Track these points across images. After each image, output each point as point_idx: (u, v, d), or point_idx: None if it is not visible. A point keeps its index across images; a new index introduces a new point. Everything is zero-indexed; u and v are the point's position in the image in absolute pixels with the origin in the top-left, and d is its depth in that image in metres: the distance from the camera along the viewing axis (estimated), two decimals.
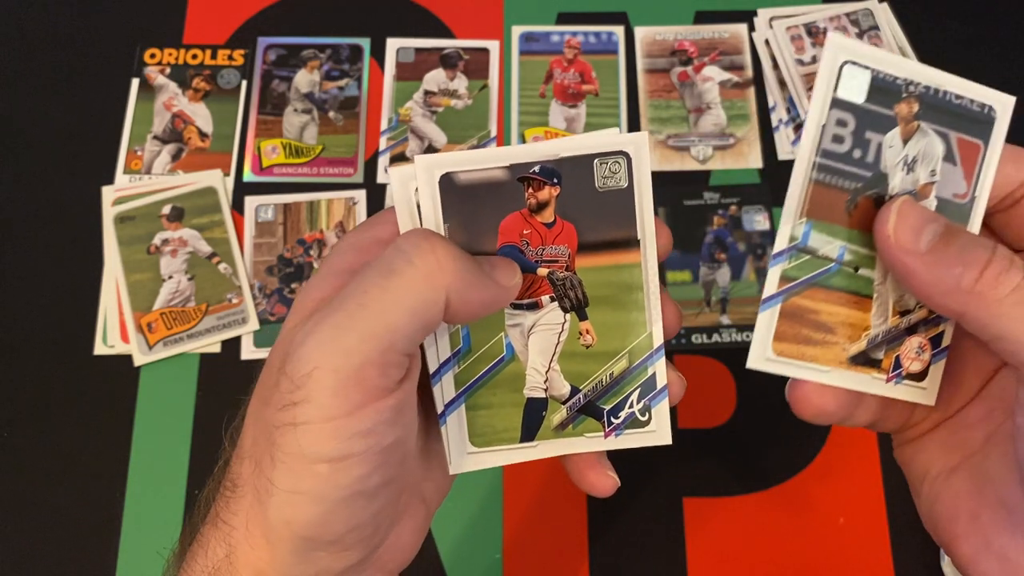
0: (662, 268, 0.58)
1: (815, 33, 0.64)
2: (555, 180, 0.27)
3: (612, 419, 0.28)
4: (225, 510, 0.25)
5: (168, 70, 0.64)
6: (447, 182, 0.26)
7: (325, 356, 0.22)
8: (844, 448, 0.53)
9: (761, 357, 0.27)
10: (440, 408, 0.27)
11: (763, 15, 0.65)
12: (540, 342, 0.28)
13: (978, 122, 0.27)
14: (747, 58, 0.64)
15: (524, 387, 0.28)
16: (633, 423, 0.28)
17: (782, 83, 0.63)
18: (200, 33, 0.65)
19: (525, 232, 0.27)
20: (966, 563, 0.26)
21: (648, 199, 0.27)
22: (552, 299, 0.28)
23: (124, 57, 0.64)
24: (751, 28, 0.65)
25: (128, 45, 0.64)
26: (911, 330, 0.28)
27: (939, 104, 0.26)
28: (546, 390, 0.28)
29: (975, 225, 0.27)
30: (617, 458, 0.29)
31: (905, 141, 0.26)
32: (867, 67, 0.26)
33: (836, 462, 0.53)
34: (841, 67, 0.26)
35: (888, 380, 0.28)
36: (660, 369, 0.28)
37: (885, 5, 0.65)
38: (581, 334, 0.28)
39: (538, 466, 0.53)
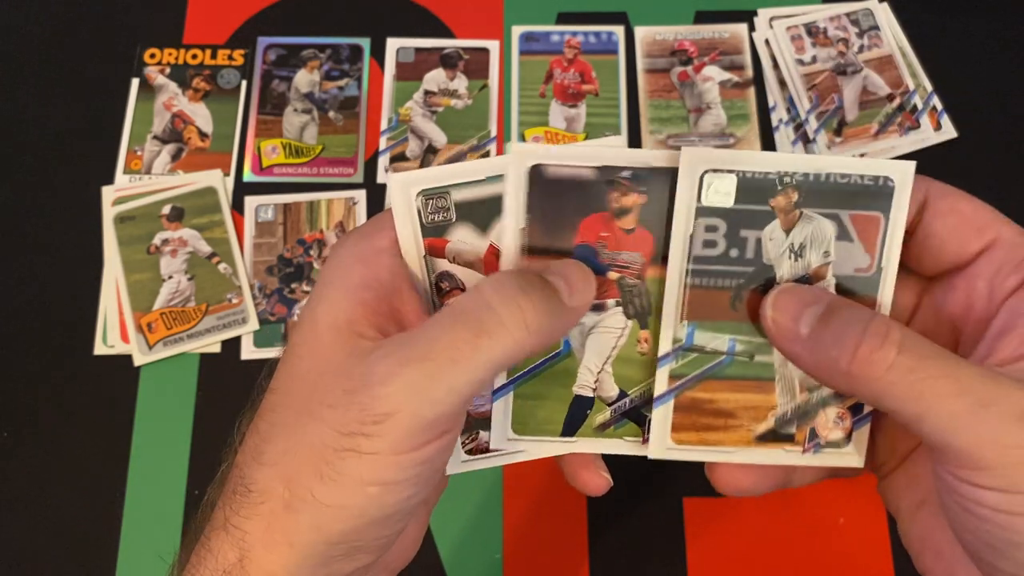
0: None
1: (815, 33, 0.64)
2: (643, 188, 0.26)
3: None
4: (236, 515, 0.25)
5: (168, 70, 0.64)
6: (536, 174, 0.26)
7: (411, 403, 0.23)
8: None
9: (661, 448, 0.27)
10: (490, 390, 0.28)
11: (763, 15, 0.65)
12: (597, 343, 0.28)
13: (874, 195, 0.26)
14: (747, 58, 0.64)
15: (574, 384, 0.28)
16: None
17: (782, 83, 0.63)
18: (200, 33, 0.65)
19: (603, 234, 0.27)
20: None
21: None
22: (617, 303, 0.28)
23: (124, 57, 0.64)
24: (751, 28, 0.65)
25: (128, 45, 0.64)
26: (824, 403, 0.28)
27: (823, 188, 0.26)
28: (595, 390, 0.28)
29: (886, 293, 0.26)
30: (618, 458, 0.29)
31: (788, 231, 0.26)
32: (730, 171, 0.25)
33: None
34: (701, 177, 0.25)
35: (805, 451, 0.28)
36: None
37: (885, 5, 0.65)
38: (639, 341, 0.28)
39: (538, 466, 0.53)
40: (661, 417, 0.27)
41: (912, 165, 0.26)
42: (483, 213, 0.27)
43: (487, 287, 0.24)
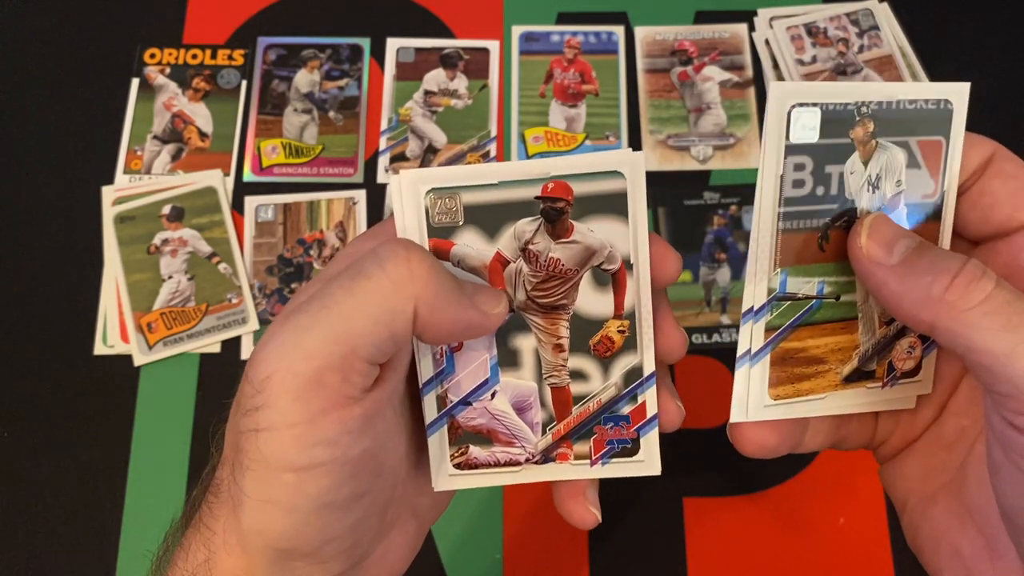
0: None
1: (815, 33, 0.64)
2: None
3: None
4: (208, 515, 0.24)
5: (168, 70, 0.64)
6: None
7: (284, 359, 0.22)
8: None
9: (759, 407, 0.27)
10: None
11: (763, 15, 0.65)
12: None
13: (937, 119, 0.26)
14: (747, 58, 0.64)
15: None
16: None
17: None
18: (200, 33, 0.65)
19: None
20: None
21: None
22: None
23: (124, 57, 0.64)
24: (751, 28, 0.65)
25: (128, 45, 0.64)
26: (899, 335, 0.28)
27: (894, 116, 0.26)
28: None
29: (948, 216, 0.27)
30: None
31: (866, 163, 0.26)
32: (815, 104, 0.25)
33: (836, 462, 0.53)
34: (789, 112, 0.25)
35: (884, 386, 0.28)
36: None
37: (885, 5, 0.65)
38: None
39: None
40: (759, 374, 0.27)
41: (966, 86, 0.26)
42: (492, 218, 0.26)
43: (380, 243, 0.23)
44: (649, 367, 0.27)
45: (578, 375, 0.28)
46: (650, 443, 0.28)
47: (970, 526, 0.25)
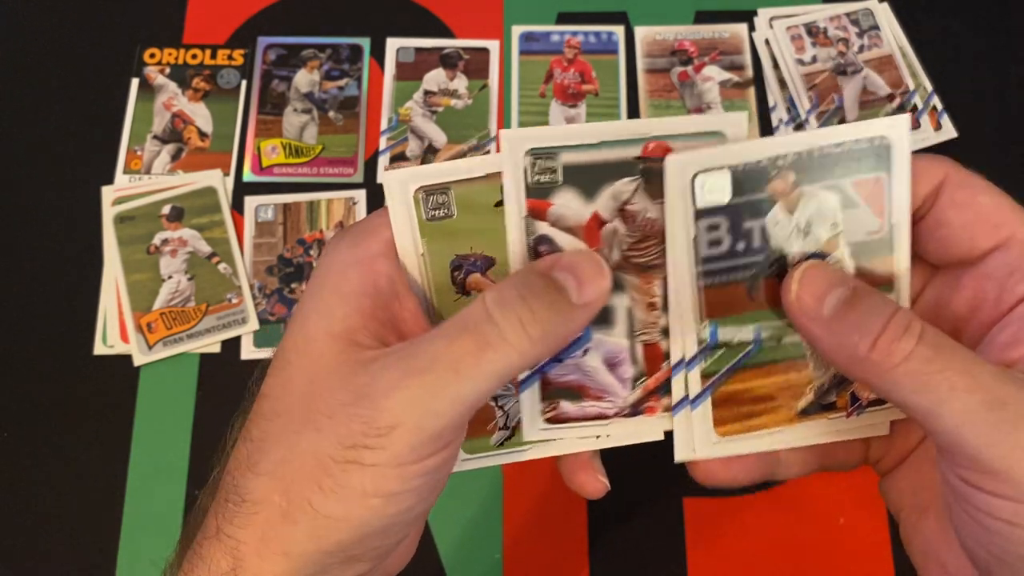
0: None
1: (815, 33, 0.64)
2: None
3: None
4: (229, 524, 0.24)
5: (168, 70, 0.64)
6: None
7: (413, 416, 0.23)
8: None
9: (707, 444, 0.27)
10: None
11: (763, 15, 0.65)
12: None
13: (872, 157, 0.25)
14: (747, 58, 0.64)
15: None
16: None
17: (782, 83, 0.63)
18: (200, 33, 0.65)
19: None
20: None
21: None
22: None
23: (124, 57, 0.64)
24: (751, 28, 0.65)
25: (128, 45, 0.64)
26: None
27: (818, 163, 0.25)
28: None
29: (903, 250, 0.26)
30: (617, 458, 0.29)
31: (792, 212, 0.26)
32: (721, 167, 0.25)
33: None
34: (692, 180, 0.25)
35: (849, 415, 0.28)
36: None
37: (885, 5, 0.65)
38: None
39: (539, 467, 0.53)
40: (701, 416, 0.27)
41: (904, 119, 0.25)
42: (591, 179, 0.26)
43: (489, 297, 0.24)
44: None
45: (666, 332, 0.28)
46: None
47: (956, 543, 0.25)
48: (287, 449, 0.24)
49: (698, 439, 0.27)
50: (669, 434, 0.28)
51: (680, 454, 0.27)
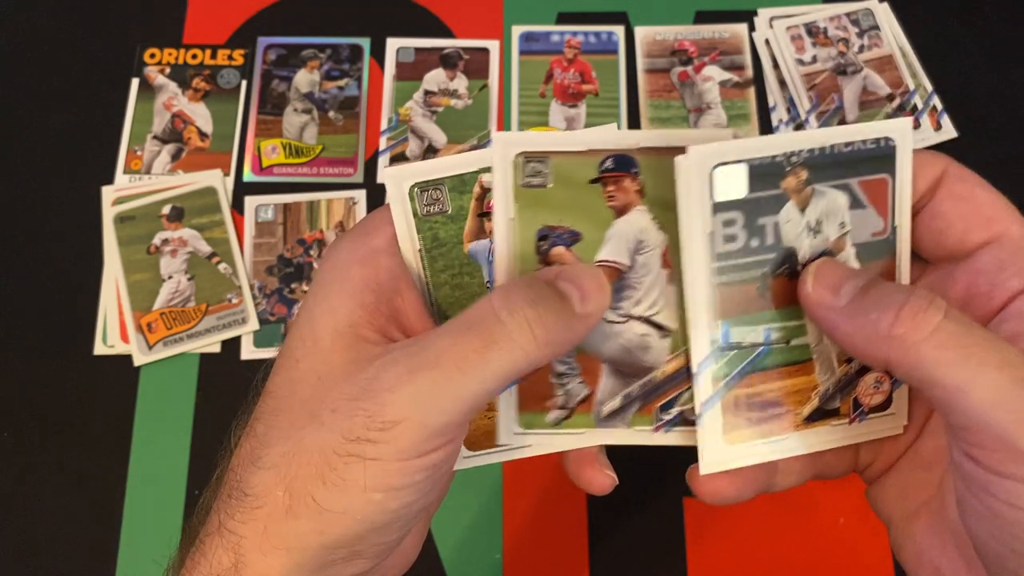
0: None
1: (815, 33, 0.64)
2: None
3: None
4: (231, 519, 0.24)
5: (168, 70, 0.64)
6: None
7: (418, 412, 0.23)
8: None
9: (716, 457, 0.27)
10: None
11: (763, 15, 0.65)
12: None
13: (878, 158, 0.26)
14: (747, 58, 0.64)
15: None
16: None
17: (782, 83, 0.63)
18: (200, 33, 0.65)
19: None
20: None
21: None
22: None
23: (124, 57, 0.64)
24: (751, 28, 0.65)
25: (128, 45, 0.64)
26: (862, 371, 0.27)
27: (829, 161, 0.26)
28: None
29: (904, 251, 0.27)
30: (617, 458, 0.29)
31: (803, 209, 0.26)
32: (739, 161, 0.25)
33: None
34: (712, 172, 0.25)
35: (851, 422, 0.28)
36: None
37: (885, 5, 0.65)
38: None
39: (539, 467, 0.53)
40: (711, 423, 0.27)
41: (908, 121, 0.26)
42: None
43: (497, 297, 0.24)
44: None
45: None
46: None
47: (950, 545, 0.25)
48: (291, 443, 0.24)
49: (708, 449, 0.27)
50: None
51: (704, 467, 0.27)
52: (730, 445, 0.27)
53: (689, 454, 0.56)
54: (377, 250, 0.26)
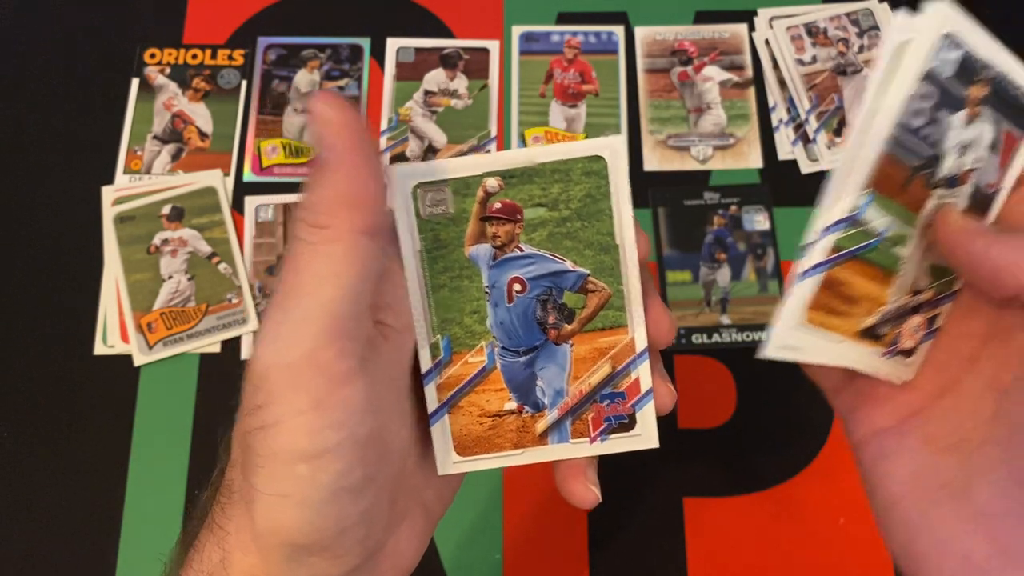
0: (662, 268, 0.58)
1: (815, 33, 0.64)
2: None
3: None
4: (220, 515, 0.25)
5: (168, 70, 0.64)
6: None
7: (275, 354, 0.22)
8: (844, 448, 0.53)
9: (790, 325, 0.26)
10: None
11: (763, 15, 0.65)
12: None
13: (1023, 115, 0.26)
14: (747, 58, 0.64)
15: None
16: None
17: (782, 83, 0.63)
18: (200, 33, 0.65)
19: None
20: None
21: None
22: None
23: (124, 57, 0.64)
24: (751, 28, 0.65)
25: (128, 45, 0.64)
26: (915, 309, 0.27)
27: (1004, 92, 0.26)
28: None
29: (992, 215, 0.27)
30: (617, 458, 0.29)
31: (967, 124, 0.25)
32: (962, 42, 0.25)
33: (836, 462, 0.53)
34: (942, 37, 0.24)
35: (884, 355, 0.28)
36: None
37: (885, 5, 0.65)
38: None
39: (538, 467, 0.53)
40: (806, 289, 0.26)
41: None
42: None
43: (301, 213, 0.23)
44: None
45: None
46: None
47: (981, 531, 0.24)
48: (240, 435, 0.24)
49: (786, 315, 0.26)
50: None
51: (780, 330, 0.26)
52: (807, 321, 0.26)
53: (688, 454, 0.56)
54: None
